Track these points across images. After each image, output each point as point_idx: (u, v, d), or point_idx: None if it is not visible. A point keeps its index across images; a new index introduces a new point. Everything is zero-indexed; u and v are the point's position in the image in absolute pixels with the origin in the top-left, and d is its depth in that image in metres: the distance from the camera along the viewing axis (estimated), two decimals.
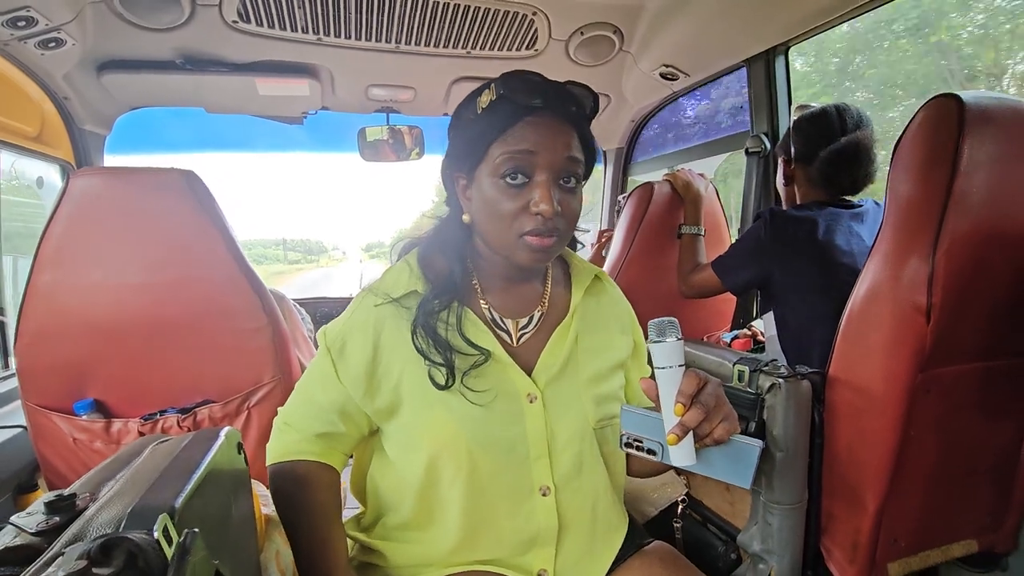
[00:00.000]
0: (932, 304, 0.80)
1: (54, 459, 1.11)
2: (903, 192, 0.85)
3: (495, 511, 0.74)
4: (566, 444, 0.75)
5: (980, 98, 0.82)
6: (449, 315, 0.75)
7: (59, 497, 0.50)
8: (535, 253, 0.70)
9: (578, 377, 0.78)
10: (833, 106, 1.29)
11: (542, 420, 0.74)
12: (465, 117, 0.75)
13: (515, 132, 0.69)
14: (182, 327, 1.10)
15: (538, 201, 0.68)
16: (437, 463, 0.73)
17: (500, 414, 0.73)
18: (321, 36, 1.62)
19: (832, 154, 1.25)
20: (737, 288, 1.40)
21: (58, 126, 1.71)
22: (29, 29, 1.30)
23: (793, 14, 1.40)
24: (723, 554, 1.04)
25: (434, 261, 0.78)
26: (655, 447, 0.66)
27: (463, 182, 0.76)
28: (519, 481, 0.74)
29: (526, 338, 0.79)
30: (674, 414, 0.61)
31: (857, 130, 1.24)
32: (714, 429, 0.62)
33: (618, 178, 2.55)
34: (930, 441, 0.90)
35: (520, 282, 0.80)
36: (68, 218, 1.03)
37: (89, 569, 0.39)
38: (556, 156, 0.69)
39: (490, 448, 0.72)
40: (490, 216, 0.71)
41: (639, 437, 0.67)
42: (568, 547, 0.78)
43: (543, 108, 0.70)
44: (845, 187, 1.29)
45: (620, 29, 1.67)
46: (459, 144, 0.75)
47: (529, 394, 0.75)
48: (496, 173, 0.69)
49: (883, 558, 0.94)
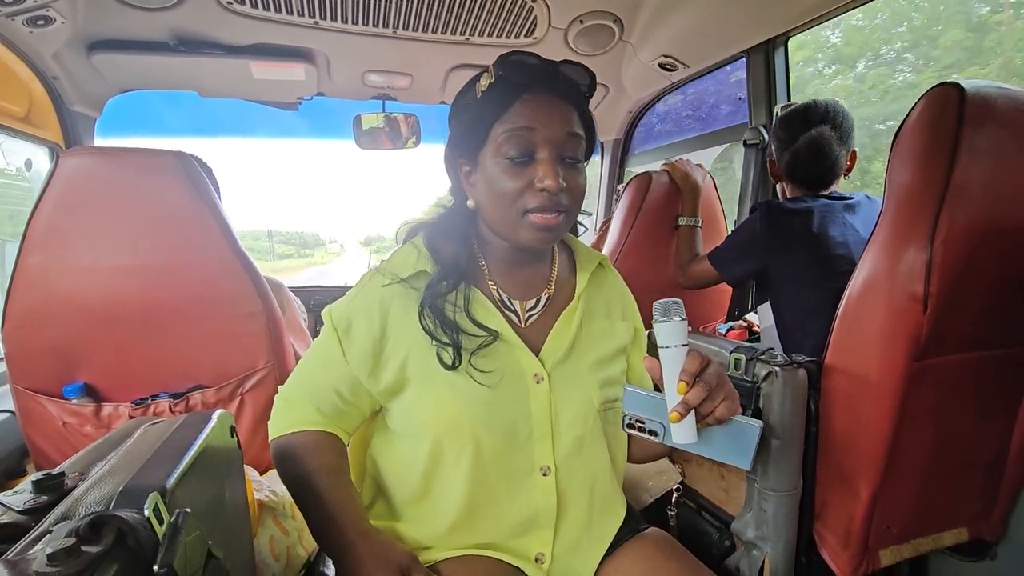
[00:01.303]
0: (929, 293, 0.80)
1: (43, 443, 1.09)
2: (902, 181, 0.85)
3: (495, 490, 0.75)
4: (569, 425, 0.76)
5: (982, 87, 0.81)
6: (457, 296, 0.75)
7: (47, 476, 0.49)
8: (539, 232, 0.70)
9: (583, 360, 0.79)
10: (803, 103, 1.32)
11: (547, 400, 0.75)
12: (464, 103, 0.76)
13: (514, 111, 0.70)
14: (175, 311, 1.08)
15: (542, 177, 0.68)
16: (441, 443, 0.73)
17: (506, 394, 0.74)
18: (318, 19, 1.59)
19: (791, 153, 1.31)
20: (734, 280, 1.41)
21: (47, 107, 1.67)
22: (17, 6, 1.27)
23: (794, 5, 1.39)
24: (717, 541, 1.05)
25: (440, 245, 0.79)
26: (657, 428, 0.67)
27: (466, 168, 0.77)
28: (521, 461, 0.74)
29: (533, 319, 0.80)
30: (677, 392, 0.62)
31: (820, 125, 1.27)
32: (716, 408, 0.62)
33: (615, 169, 2.54)
34: (924, 429, 0.91)
35: (526, 265, 0.81)
36: (58, 199, 1.01)
37: (78, 547, 0.38)
38: (556, 132, 0.69)
39: (494, 428, 0.72)
40: (494, 197, 0.71)
41: (641, 418, 0.68)
42: (566, 529, 0.78)
43: (540, 87, 0.71)
44: (809, 182, 1.32)
45: (620, 18, 1.65)
46: (460, 130, 0.76)
47: (536, 375, 0.75)
48: (499, 153, 0.70)
49: (875, 545, 0.95)
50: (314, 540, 0.75)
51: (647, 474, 1.20)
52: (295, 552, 0.96)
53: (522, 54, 0.72)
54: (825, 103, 1.28)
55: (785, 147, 1.33)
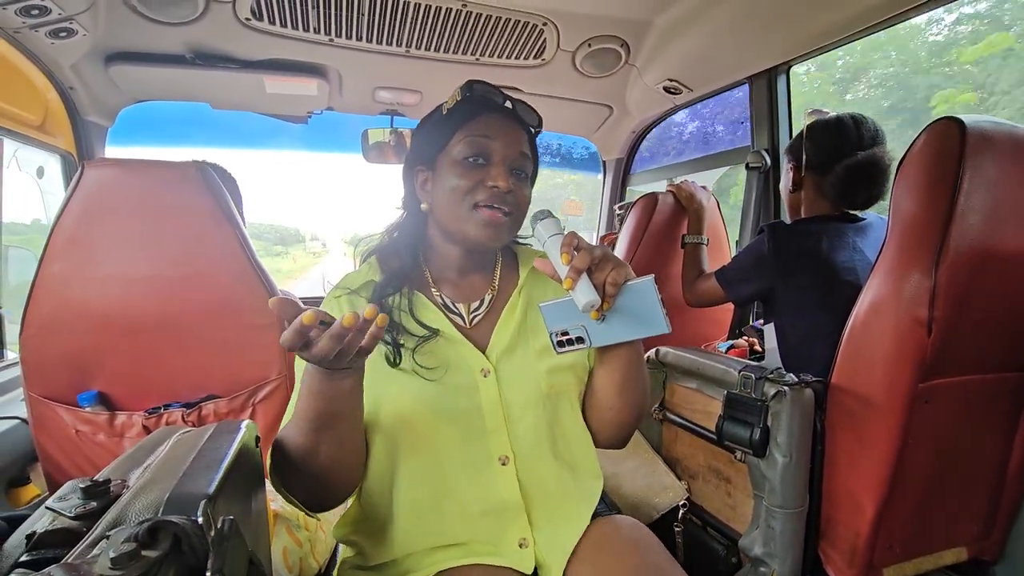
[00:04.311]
0: (933, 317, 0.83)
1: (54, 451, 1.09)
2: (906, 210, 0.89)
3: (457, 481, 0.77)
4: (521, 414, 0.79)
5: (980, 122, 0.86)
6: (400, 300, 0.80)
7: (94, 483, 0.51)
8: (487, 228, 0.76)
9: (528, 350, 0.82)
10: (850, 116, 1.25)
11: (496, 392, 0.78)
12: (431, 119, 0.85)
13: (477, 121, 0.79)
14: (191, 322, 1.10)
15: (494, 176, 0.75)
16: (396, 436, 0.76)
17: (453, 388, 0.77)
18: (333, 37, 1.63)
19: (849, 169, 1.22)
20: (740, 300, 1.42)
21: (61, 116, 1.69)
22: (42, 18, 1.30)
23: (798, 35, 1.45)
24: (724, 558, 1.06)
25: (390, 258, 0.84)
26: (580, 332, 0.69)
27: (423, 176, 0.83)
28: (478, 451, 0.77)
29: (478, 320, 0.84)
30: (563, 264, 0.66)
31: (875, 145, 1.22)
32: (608, 273, 0.65)
33: (617, 188, 2.58)
34: (926, 449, 0.93)
35: (471, 272, 0.86)
36: (80, 209, 1.03)
37: (138, 551, 0.40)
38: (511, 149, 0.78)
39: (445, 419, 0.75)
40: (447, 193, 0.77)
41: (565, 330, 0.70)
42: (538, 515, 0.79)
43: (500, 111, 0.81)
44: (858, 203, 1.27)
45: (627, 42, 1.70)
46: (424, 138, 0.84)
47: (483, 369, 0.78)
48: (458, 155, 0.78)
49: (880, 563, 0.97)
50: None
51: (653, 490, 1.21)
52: (307, 563, 0.97)
53: (488, 86, 0.83)
54: (872, 121, 1.25)
55: (833, 160, 1.24)
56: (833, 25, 1.36)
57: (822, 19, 1.36)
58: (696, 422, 1.19)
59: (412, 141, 0.86)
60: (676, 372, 1.26)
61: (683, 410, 1.23)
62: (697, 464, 1.21)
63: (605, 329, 0.68)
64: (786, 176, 1.40)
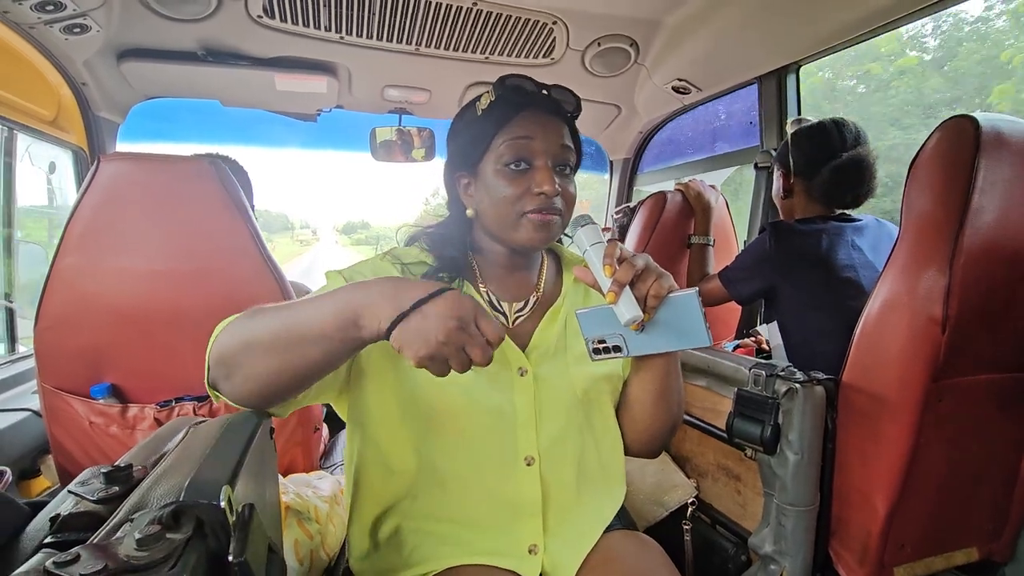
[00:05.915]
0: (948, 315, 0.83)
1: (67, 442, 1.10)
2: (920, 208, 0.88)
3: (483, 473, 0.77)
4: (552, 415, 0.79)
5: (994, 120, 0.86)
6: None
7: (116, 468, 0.51)
8: (537, 232, 0.75)
9: (568, 355, 0.83)
10: (831, 121, 1.33)
11: (531, 392, 0.78)
12: (466, 121, 0.82)
13: (515, 123, 0.77)
14: (203, 315, 1.10)
15: (540, 182, 0.74)
16: (431, 420, 0.76)
17: (489, 381, 0.77)
18: (344, 35, 1.63)
19: (835, 170, 1.29)
20: (742, 298, 1.43)
21: (73, 112, 1.70)
22: (57, 13, 1.31)
23: (807, 35, 1.45)
24: (733, 556, 1.06)
25: (442, 246, 0.84)
26: (618, 341, 0.68)
27: (465, 181, 0.82)
28: (506, 448, 0.77)
29: (521, 320, 0.84)
30: (606, 276, 0.65)
31: (857, 145, 1.28)
32: (651, 286, 0.64)
33: (624, 188, 2.58)
34: (939, 448, 0.93)
35: (516, 271, 0.86)
36: (95, 203, 1.03)
37: (163, 533, 0.40)
38: (552, 144, 0.77)
39: (479, 410, 0.76)
40: (495, 202, 0.77)
41: (602, 338, 0.69)
42: (554, 519, 0.79)
43: (536, 105, 0.79)
44: (847, 202, 1.33)
45: (637, 42, 1.71)
46: (461, 144, 0.82)
47: (520, 368, 0.79)
48: (499, 162, 0.76)
49: (890, 562, 0.96)
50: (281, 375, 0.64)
51: (662, 488, 1.21)
52: (318, 555, 0.97)
53: (519, 77, 0.81)
54: (852, 123, 1.30)
55: (819, 164, 1.31)
56: (843, 24, 1.36)
57: (832, 18, 1.36)
58: (706, 420, 1.19)
59: (449, 145, 0.85)
60: (686, 370, 1.27)
61: (693, 408, 1.23)
62: (707, 462, 1.21)
63: (644, 339, 0.67)
64: (777, 183, 1.46)
